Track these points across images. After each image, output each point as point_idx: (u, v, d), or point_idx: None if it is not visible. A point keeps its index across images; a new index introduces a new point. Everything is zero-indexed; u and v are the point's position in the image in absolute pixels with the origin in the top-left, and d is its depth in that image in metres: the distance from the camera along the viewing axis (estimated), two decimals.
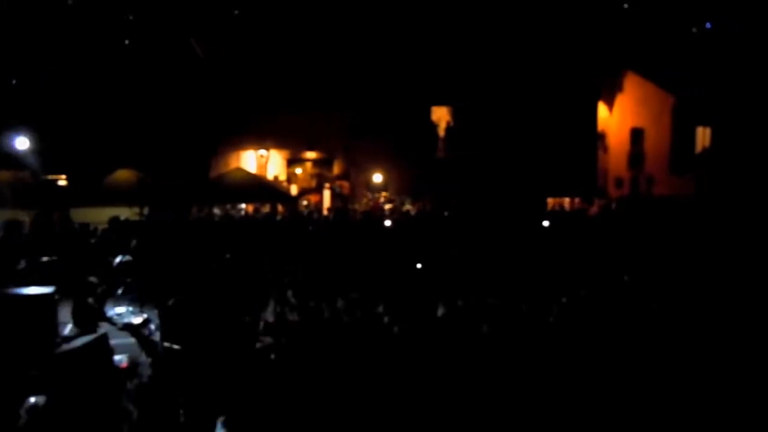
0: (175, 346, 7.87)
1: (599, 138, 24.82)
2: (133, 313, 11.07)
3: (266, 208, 22.03)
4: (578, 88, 23.57)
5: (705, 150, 21.99)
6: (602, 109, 24.80)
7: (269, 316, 9.86)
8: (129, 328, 10.18)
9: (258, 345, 8.32)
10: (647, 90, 23.11)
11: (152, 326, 9.88)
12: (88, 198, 18.93)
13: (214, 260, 12.93)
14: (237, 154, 24.76)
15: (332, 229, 18.72)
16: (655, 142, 22.97)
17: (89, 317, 9.74)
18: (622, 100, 24.38)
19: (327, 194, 24.94)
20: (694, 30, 23.52)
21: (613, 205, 22.50)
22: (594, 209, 23.03)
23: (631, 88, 24.00)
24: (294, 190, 24.66)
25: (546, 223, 18.58)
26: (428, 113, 24.64)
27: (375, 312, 9.15)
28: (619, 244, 14.08)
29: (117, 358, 7.60)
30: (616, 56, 23.38)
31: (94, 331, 8.59)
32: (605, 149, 24.93)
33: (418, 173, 23.47)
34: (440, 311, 9.11)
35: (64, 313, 9.72)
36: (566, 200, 24.15)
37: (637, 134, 23.70)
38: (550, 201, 23.58)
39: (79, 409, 6.16)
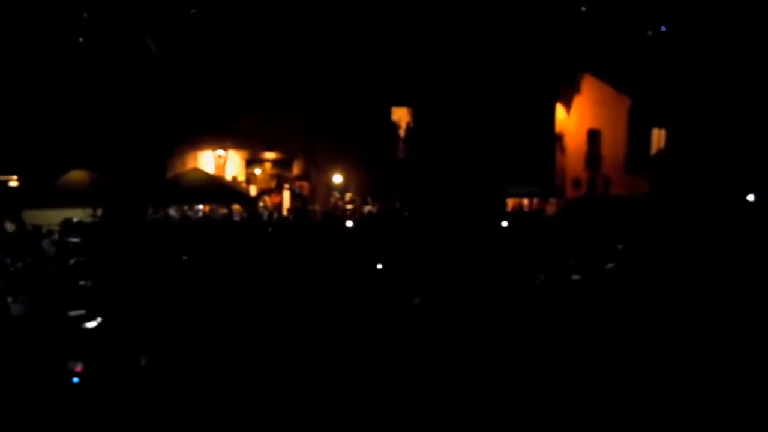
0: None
1: (557, 139, 25.14)
2: (87, 316, 10.75)
3: (223, 210, 21.71)
4: (537, 90, 23.85)
5: (660, 151, 22.44)
6: (560, 110, 25.14)
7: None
8: (83, 331, 9.92)
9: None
10: (604, 92, 23.50)
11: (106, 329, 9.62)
12: (41, 199, 18.43)
13: (170, 262, 12.73)
14: (194, 154, 24.33)
15: (292, 230, 18.57)
16: (612, 143, 23.38)
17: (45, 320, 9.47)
18: (580, 102, 24.75)
19: (287, 195, 24.68)
20: (649, 33, 24.03)
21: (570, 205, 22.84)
22: (551, 208, 23.36)
23: (588, 90, 24.38)
24: (253, 190, 24.33)
25: (504, 224, 18.78)
26: (389, 113, 24.61)
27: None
28: (576, 241, 14.29)
29: (71, 361, 7.40)
30: (574, 58, 23.73)
31: (49, 333, 8.36)
32: (563, 150, 25.27)
33: (379, 174, 23.39)
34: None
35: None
36: (525, 200, 24.39)
37: (594, 135, 24.08)
38: (510, 201, 23.78)
39: (34, 411, 6.00)
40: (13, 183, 21.98)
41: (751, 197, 18.94)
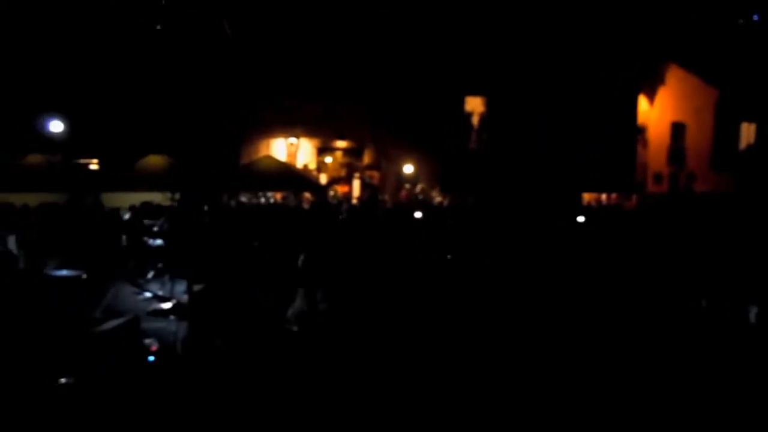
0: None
1: (639, 132, 24.18)
2: (163, 297, 10.93)
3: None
4: (618, 81, 22.98)
5: (749, 146, 21.29)
6: (643, 102, 24.15)
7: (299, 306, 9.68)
8: (159, 311, 10.09)
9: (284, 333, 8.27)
10: (690, 83, 22.43)
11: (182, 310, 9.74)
12: (120, 183, 18.92)
13: (243, 247, 12.83)
14: (267, 141, 24.58)
15: (362, 219, 18.50)
16: (697, 138, 22.31)
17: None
18: (664, 94, 23.69)
19: (356, 184, 24.68)
20: (740, 22, 22.72)
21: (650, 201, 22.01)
22: (631, 204, 22.56)
23: (673, 81, 23.31)
24: (323, 179, 24.44)
25: (581, 219, 18.16)
26: (462, 103, 24.14)
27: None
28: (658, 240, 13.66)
29: (147, 341, 7.51)
30: (658, 48, 22.72)
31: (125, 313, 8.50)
32: (645, 144, 24.29)
33: (450, 165, 23.04)
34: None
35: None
36: (603, 195, 23.62)
37: (678, 129, 23.04)
38: (587, 196, 23.06)
39: (110, 390, 6.07)
40: (94, 166, 22.66)
41: None
